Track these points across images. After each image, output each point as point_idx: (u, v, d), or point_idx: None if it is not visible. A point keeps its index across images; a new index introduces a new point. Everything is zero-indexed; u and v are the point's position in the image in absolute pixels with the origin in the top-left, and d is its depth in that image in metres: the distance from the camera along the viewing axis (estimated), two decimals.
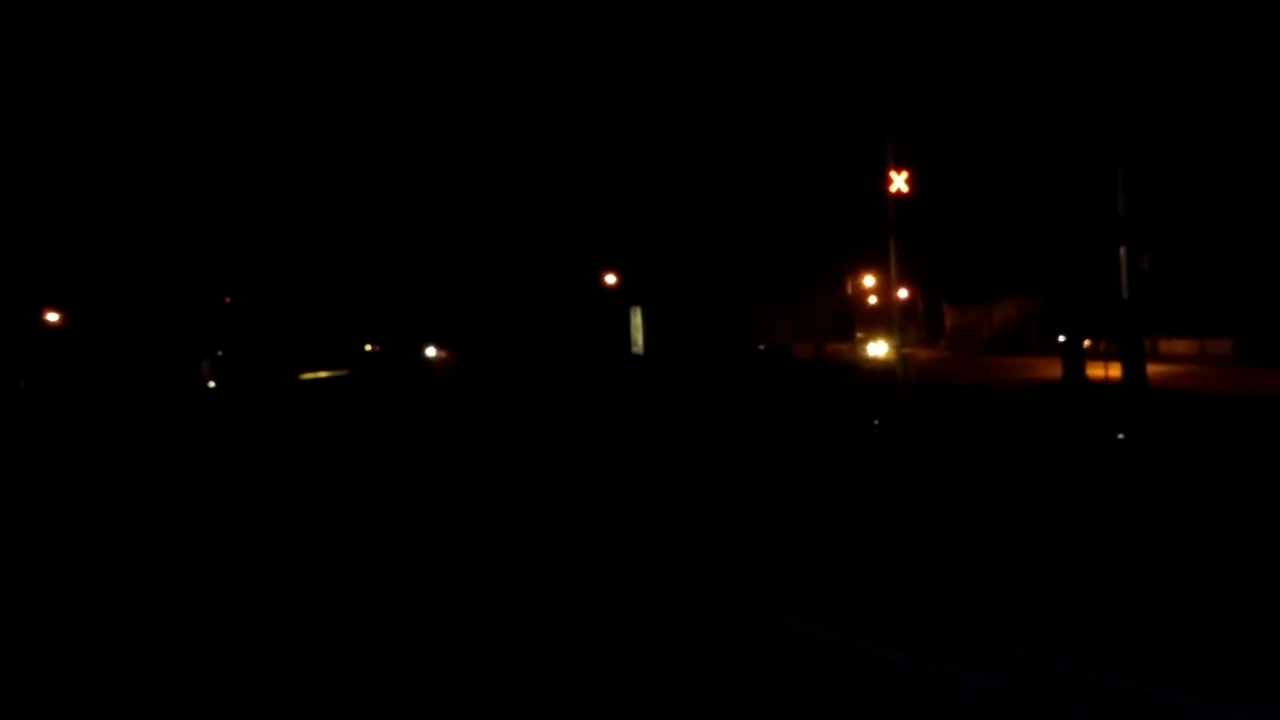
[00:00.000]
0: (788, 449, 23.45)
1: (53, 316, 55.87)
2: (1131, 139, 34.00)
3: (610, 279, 59.61)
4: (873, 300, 67.41)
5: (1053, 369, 36.27)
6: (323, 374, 65.52)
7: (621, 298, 60.65)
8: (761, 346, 61.93)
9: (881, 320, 56.09)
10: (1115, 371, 32.75)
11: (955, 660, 8.41)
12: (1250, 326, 44.57)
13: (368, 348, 67.00)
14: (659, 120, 54.18)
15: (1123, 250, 33.95)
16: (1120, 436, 22.84)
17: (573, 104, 54.38)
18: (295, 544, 14.86)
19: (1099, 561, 11.65)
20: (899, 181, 34.51)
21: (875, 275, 63.14)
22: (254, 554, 14.18)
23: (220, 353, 65.10)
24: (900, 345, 39.24)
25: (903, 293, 46.60)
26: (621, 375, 50.72)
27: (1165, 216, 35.72)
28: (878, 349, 56.64)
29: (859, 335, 66.96)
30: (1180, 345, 46.72)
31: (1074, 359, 34.13)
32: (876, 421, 28.00)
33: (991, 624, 9.35)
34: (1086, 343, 35.99)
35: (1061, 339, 35.71)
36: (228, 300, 65.90)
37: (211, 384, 61.86)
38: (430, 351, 66.89)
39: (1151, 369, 34.97)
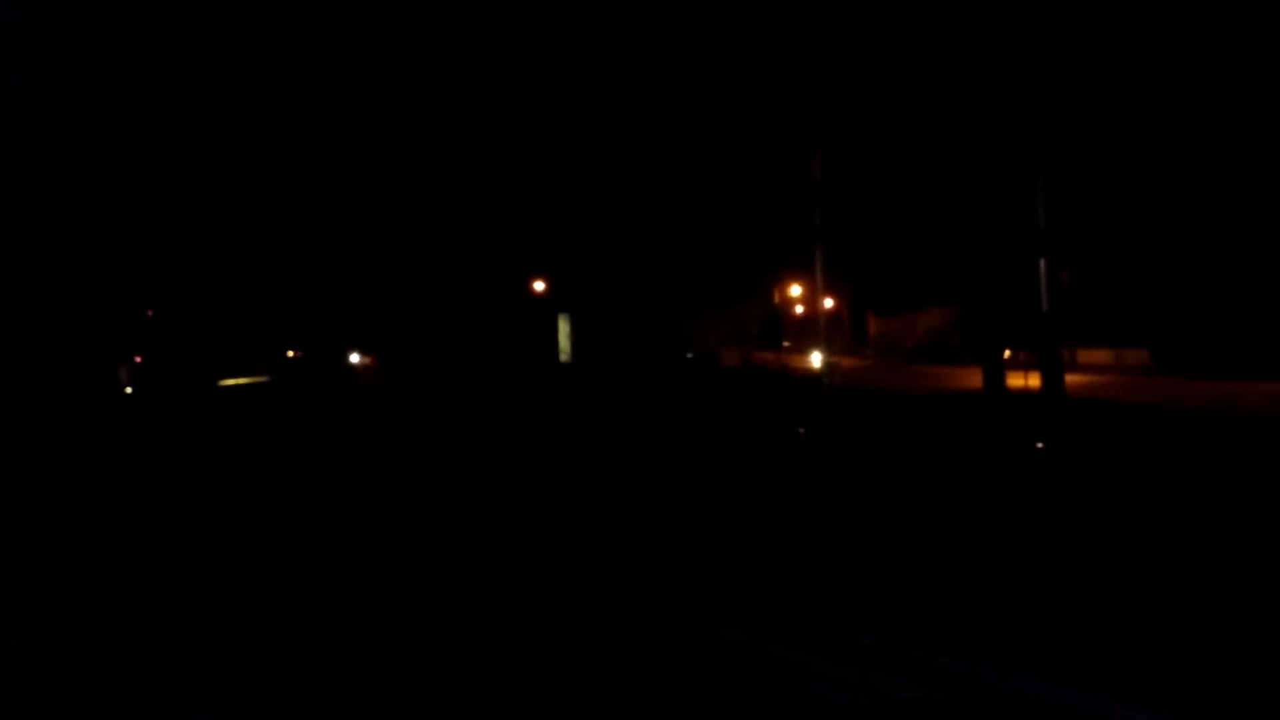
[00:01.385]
0: (714, 455, 23.49)
1: None
2: (1052, 153, 34.57)
3: (538, 286, 59.37)
4: (799, 309, 67.88)
5: (974, 378, 36.76)
6: (243, 380, 64.48)
7: (549, 305, 60.43)
8: (689, 355, 62.08)
9: (808, 329, 56.48)
10: (1035, 381, 33.26)
11: (878, 666, 8.41)
12: (1166, 336, 45.55)
13: (290, 354, 66.03)
14: (588, 127, 54.12)
15: (1042, 262, 34.47)
16: (1039, 445, 23.18)
17: (501, 110, 54.14)
18: (209, 552, 14.56)
19: (1011, 567, 11.76)
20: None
21: (802, 284, 63.56)
22: (166, 561, 13.87)
23: (138, 359, 63.80)
24: (825, 354, 39.54)
25: (829, 302, 47.02)
26: (548, 382, 50.56)
27: (1084, 229, 36.38)
28: (812, 359, 56.54)
29: (785, 344, 67.45)
30: (1098, 355, 47.62)
31: (994, 368, 34.59)
32: (801, 429, 28.16)
33: (915, 627, 9.38)
34: (1006, 352, 36.50)
35: (982, 349, 36.23)
36: (149, 313, 64.72)
37: (128, 389, 60.59)
38: (354, 358, 66.11)
39: (1070, 378, 35.57)
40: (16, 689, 8.95)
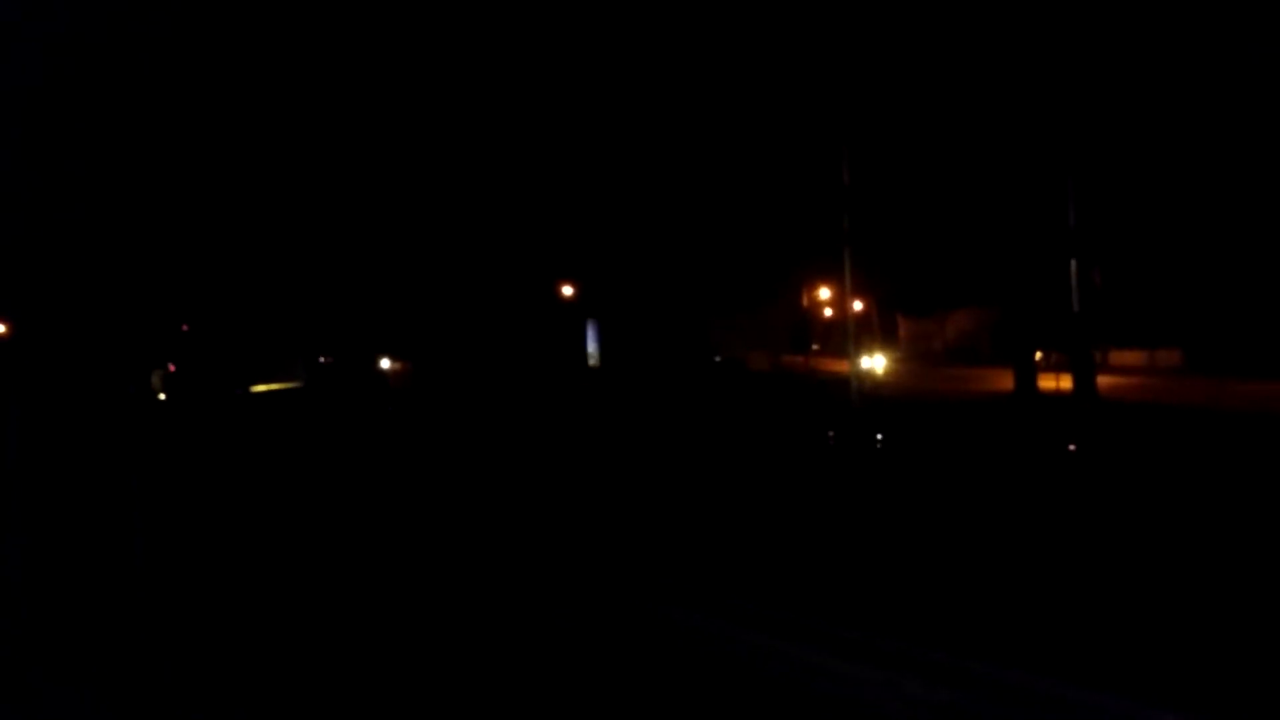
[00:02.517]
0: (744, 460, 23.46)
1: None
2: (1082, 153, 34.37)
3: (567, 291, 59.47)
4: (828, 312, 67.59)
5: (1005, 380, 36.55)
6: (276, 386, 64.88)
7: (578, 310, 60.52)
8: (718, 359, 62.00)
9: (837, 332, 56.22)
10: (1067, 383, 33.06)
11: (909, 671, 8.34)
12: (1198, 338, 45.16)
13: (321, 359, 66.40)
14: (617, 133, 54.21)
15: (1073, 263, 34.27)
16: (1071, 448, 23.04)
17: (531, 117, 54.31)
18: (247, 559, 14.66)
19: (1048, 570, 11.70)
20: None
21: (831, 287, 63.27)
22: (199, 568, 13.95)
23: (172, 366, 64.32)
24: (855, 357, 39.41)
25: (858, 305, 46.86)
26: (577, 387, 50.61)
27: (1116, 230, 36.17)
28: (873, 363, 54.65)
29: (815, 347, 67.16)
30: (1130, 356, 47.26)
31: (1026, 371, 34.41)
32: (831, 433, 28.09)
33: (945, 631, 9.34)
34: (1038, 355, 36.29)
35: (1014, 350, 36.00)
36: (184, 328, 65.28)
37: (162, 396, 61.09)
38: (385, 363, 66.40)
39: (1102, 380, 35.33)
40: (49, 695, 9.03)
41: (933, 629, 9.54)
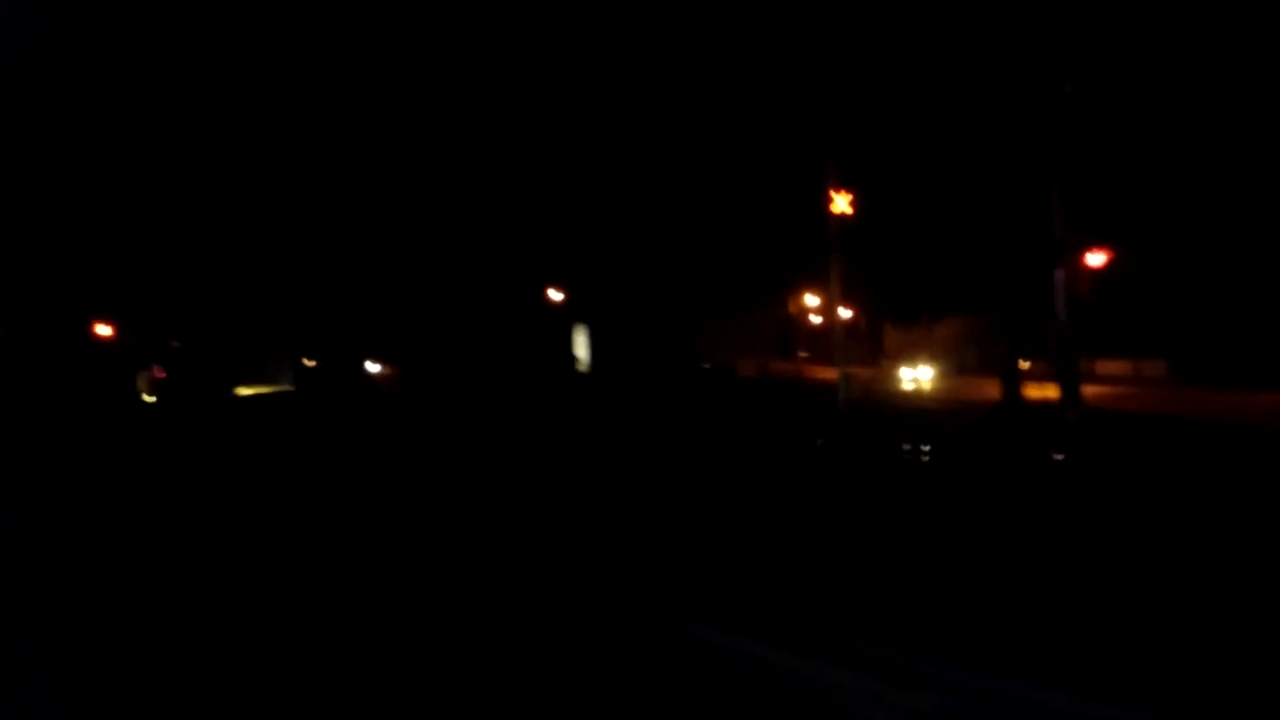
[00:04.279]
0: (732, 465, 23.52)
1: None
2: (1068, 163, 34.53)
3: (556, 296, 59.49)
4: (816, 320, 67.76)
5: (992, 389, 36.70)
6: (264, 389, 64.78)
7: (567, 315, 60.55)
8: (706, 365, 62.08)
9: (825, 339, 56.33)
10: (1053, 392, 33.18)
11: (895, 680, 8.36)
12: (1184, 348, 45.36)
13: (308, 363, 66.32)
14: (604, 139, 54.29)
15: (1059, 273, 34.41)
16: (1057, 456, 23.17)
17: (520, 122, 54.35)
18: (235, 556, 14.66)
19: (1028, 577, 11.78)
20: (841, 203, 34.85)
21: (818, 295, 63.44)
22: (186, 566, 13.94)
23: (160, 370, 64.17)
24: (842, 364, 39.57)
25: (845, 312, 46.99)
26: (566, 392, 50.63)
27: (1102, 240, 36.28)
28: (917, 374, 51.00)
29: (802, 354, 67.29)
30: (1116, 366, 47.42)
31: (1012, 379, 34.55)
32: (819, 439, 28.19)
33: (927, 638, 9.40)
34: (1024, 364, 36.44)
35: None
36: (175, 345, 65.16)
37: (148, 399, 60.96)
38: (373, 367, 66.36)
39: (1088, 390, 35.46)
40: (36, 686, 9.03)
41: (918, 636, 9.59)
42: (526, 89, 53.46)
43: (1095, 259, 35.44)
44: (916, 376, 49.87)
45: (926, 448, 26.60)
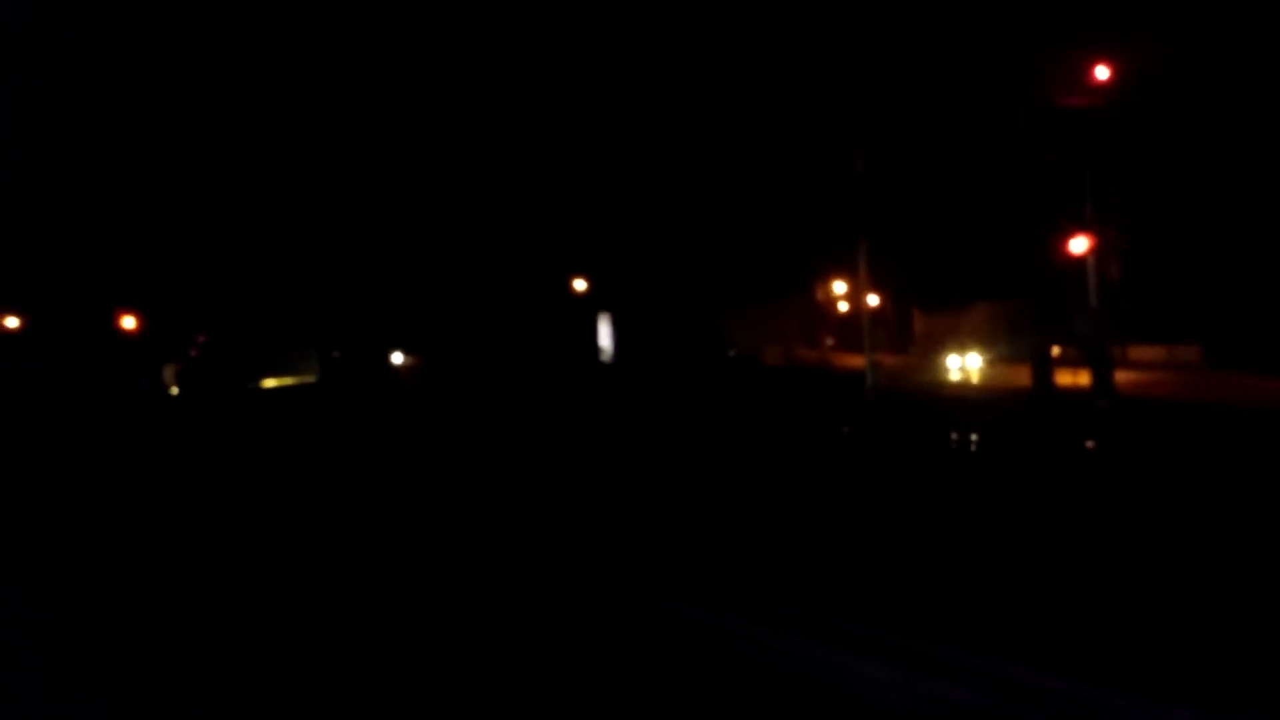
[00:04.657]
0: (757, 455, 23.30)
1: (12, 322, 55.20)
2: (1102, 148, 34.04)
3: (579, 285, 59.28)
4: (843, 307, 67.34)
5: (1023, 376, 36.29)
6: (289, 380, 65.03)
7: (591, 304, 60.37)
8: (732, 353, 61.84)
9: (852, 327, 55.92)
10: (1084, 379, 32.74)
11: (924, 669, 8.17)
12: (1217, 333, 44.74)
13: (334, 354, 66.51)
14: (629, 128, 54.05)
15: (1091, 258, 33.93)
16: (1088, 444, 22.76)
17: (544, 111, 54.18)
18: (255, 551, 14.56)
19: (1061, 567, 11.50)
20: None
21: (845, 281, 63.01)
22: (206, 560, 13.86)
23: (183, 361, 64.51)
24: (869, 352, 39.26)
25: (873, 299, 46.56)
26: (590, 382, 50.51)
27: (1134, 225, 35.82)
28: (967, 361, 48.36)
29: (829, 341, 66.94)
30: (1148, 352, 46.83)
31: (1043, 366, 34.12)
32: (846, 428, 27.90)
33: (961, 630, 9.16)
34: (1056, 350, 35.99)
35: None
36: (201, 339, 65.58)
37: (174, 390, 61.25)
38: (397, 357, 66.46)
39: (1120, 376, 34.96)
40: (47, 687, 8.92)
41: (936, 624, 9.34)
42: (552, 75, 53.26)
43: (1078, 245, 34.82)
44: (965, 364, 48.58)
45: (956, 436, 26.25)
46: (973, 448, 23.62)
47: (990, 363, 48.50)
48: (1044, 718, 7.43)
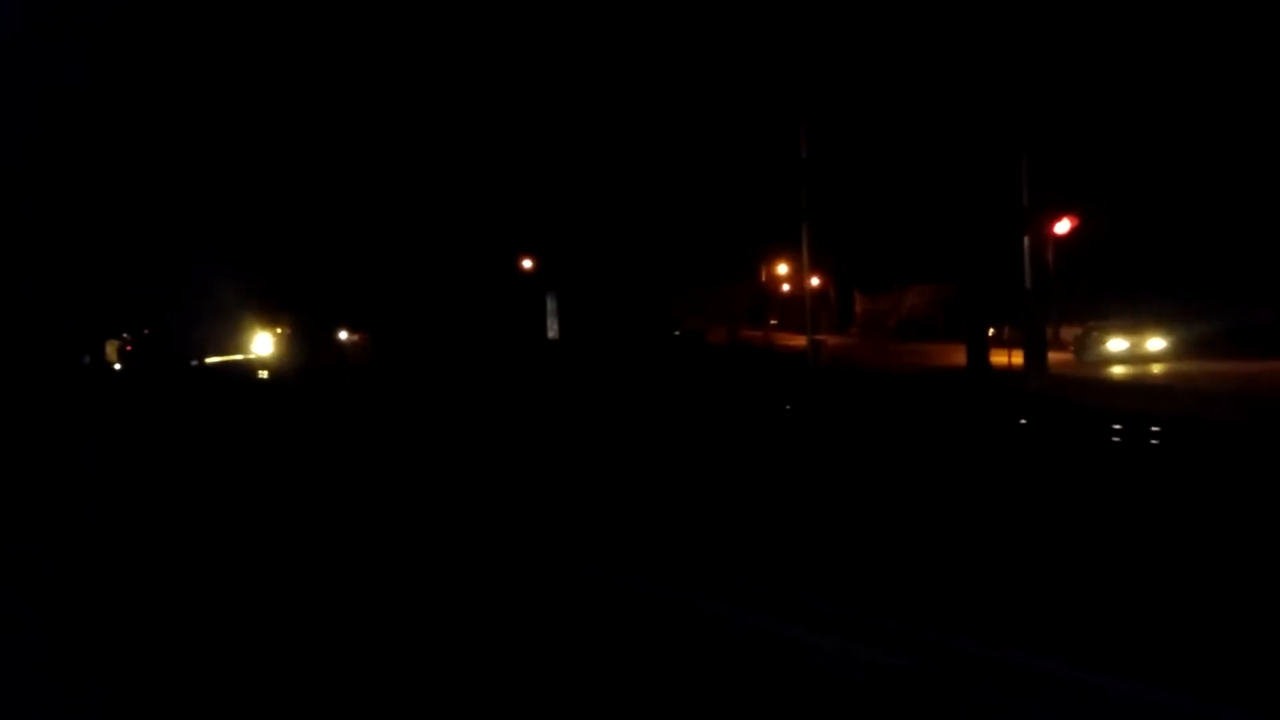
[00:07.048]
0: (700, 431, 23.72)
1: None
2: (1036, 132, 34.79)
3: (527, 264, 59.46)
4: (786, 288, 68.10)
5: (959, 355, 37.06)
6: (235, 357, 64.56)
7: (538, 283, 60.55)
8: (677, 332, 62.34)
9: (795, 307, 56.64)
10: (1018, 358, 33.58)
11: (861, 638, 8.41)
12: (1147, 315, 45.70)
13: (278, 331, 66.06)
14: (576, 107, 54.16)
15: (1026, 240, 34.76)
16: (1022, 421, 23.53)
17: (490, 90, 54.12)
18: (204, 530, 14.67)
19: (991, 541, 11.99)
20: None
21: (789, 263, 63.75)
22: (155, 542, 13.90)
23: (126, 336, 63.80)
24: (810, 332, 39.94)
25: (815, 281, 47.25)
26: (536, 359, 50.71)
27: (1066, 208, 36.58)
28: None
29: (773, 322, 67.69)
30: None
31: (978, 346, 34.90)
32: (788, 405, 28.46)
33: (894, 600, 9.50)
34: (990, 330, 36.81)
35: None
36: (145, 331, 64.92)
37: (117, 366, 60.62)
38: (343, 334, 66.20)
39: (1053, 356, 35.92)
40: None
41: (885, 597, 9.66)
42: (495, 60, 53.24)
43: (1061, 226, 35.82)
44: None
45: (892, 411, 26.92)
46: (907, 424, 24.28)
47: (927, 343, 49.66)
48: (980, 687, 7.63)
